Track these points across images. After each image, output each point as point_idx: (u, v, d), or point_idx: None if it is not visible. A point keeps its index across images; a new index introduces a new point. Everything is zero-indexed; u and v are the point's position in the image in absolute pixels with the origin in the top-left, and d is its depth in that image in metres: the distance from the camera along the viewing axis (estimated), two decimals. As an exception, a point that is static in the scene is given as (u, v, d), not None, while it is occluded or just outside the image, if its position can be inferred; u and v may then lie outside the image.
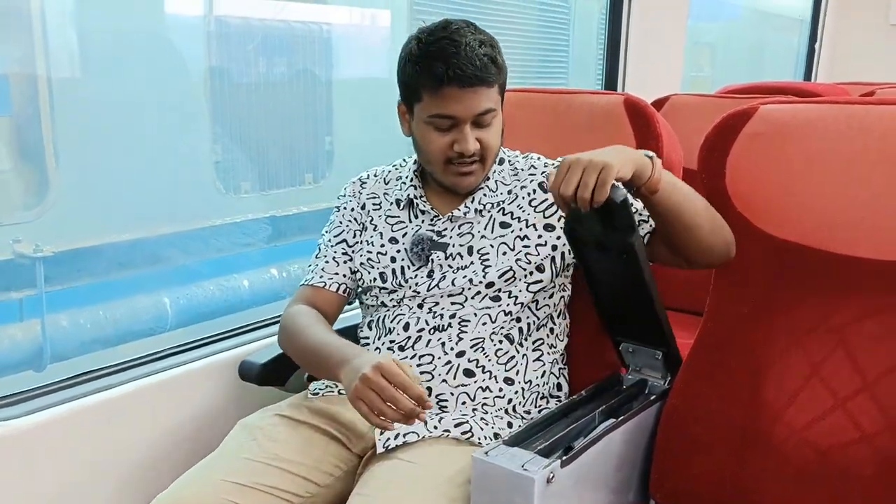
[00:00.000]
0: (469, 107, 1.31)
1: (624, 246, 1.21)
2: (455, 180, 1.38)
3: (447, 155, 1.35)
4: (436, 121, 1.32)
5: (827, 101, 1.30)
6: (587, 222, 1.21)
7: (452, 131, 1.33)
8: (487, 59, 1.30)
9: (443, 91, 1.29)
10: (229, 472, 1.23)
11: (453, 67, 1.27)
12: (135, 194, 2.56)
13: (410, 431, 1.29)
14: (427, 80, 1.30)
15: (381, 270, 1.42)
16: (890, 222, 1.21)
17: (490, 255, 1.39)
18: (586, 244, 1.27)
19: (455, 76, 1.28)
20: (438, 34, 1.30)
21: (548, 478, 1.08)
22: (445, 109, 1.31)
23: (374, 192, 1.51)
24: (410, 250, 1.41)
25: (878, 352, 1.21)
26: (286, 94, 3.13)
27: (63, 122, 2.38)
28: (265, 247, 3.03)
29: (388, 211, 1.47)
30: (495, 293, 1.38)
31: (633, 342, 1.41)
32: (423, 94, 1.32)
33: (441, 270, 1.39)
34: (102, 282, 2.48)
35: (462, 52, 1.28)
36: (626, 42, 2.78)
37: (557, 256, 1.40)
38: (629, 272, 1.26)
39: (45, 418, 1.36)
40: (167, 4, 2.80)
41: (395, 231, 1.44)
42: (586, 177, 1.08)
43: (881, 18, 4.31)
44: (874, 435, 1.19)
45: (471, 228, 1.41)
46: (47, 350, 2.27)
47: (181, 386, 1.52)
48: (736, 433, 1.29)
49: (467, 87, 1.29)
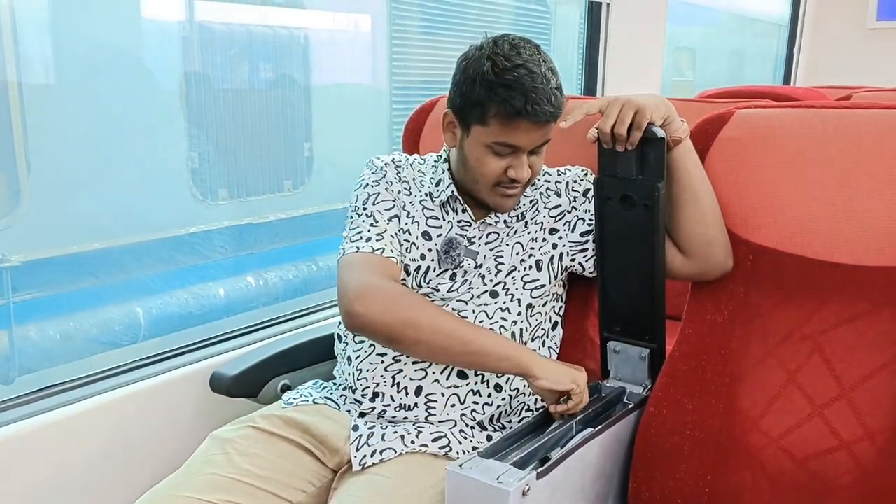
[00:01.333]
0: (535, 139, 1.29)
1: (650, 194, 1.28)
2: (499, 201, 1.36)
3: (499, 179, 1.32)
4: (499, 147, 1.29)
5: (803, 105, 1.30)
6: (622, 165, 1.29)
7: (509, 157, 1.30)
8: (559, 93, 1.28)
9: (516, 123, 1.26)
10: (196, 489, 1.21)
11: (532, 103, 1.23)
12: (110, 202, 2.52)
13: (388, 448, 1.27)
14: (502, 110, 1.25)
15: (406, 263, 1.39)
16: (866, 227, 1.21)
17: (504, 257, 1.39)
18: (612, 198, 1.33)
19: (532, 112, 1.24)
20: (514, 61, 1.24)
21: (523, 490, 1.06)
22: (513, 140, 1.28)
23: (407, 178, 1.43)
24: (444, 252, 1.39)
25: (855, 359, 1.21)
26: (265, 100, 3.11)
27: (35, 130, 2.34)
28: (242, 254, 2.99)
29: (424, 202, 1.42)
30: (493, 288, 1.38)
31: (623, 339, 1.41)
32: (490, 119, 1.27)
33: (464, 276, 1.38)
34: (73, 291, 2.44)
35: (540, 86, 1.24)
36: (606, 48, 2.79)
37: (556, 257, 1.40)
38: (645, 231, 1.31)
39: (8, 434, 1.33)
40: (143, 9, 2.77)
41: (429, 225, 1.41)
42: (623, 113, 1.23)
43: (859, 23, 4.34)
44: (852, 442, 1.18)
45: (496, 238, 1.40)
46: (16, 362, 2.23)
47: (150, 399, 1.49)
48: (713, 442, 1.28)
49: (541, 123, 1.27)
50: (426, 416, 1.33)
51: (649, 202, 1.29)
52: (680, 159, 1.28)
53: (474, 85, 1.26)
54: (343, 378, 1.41)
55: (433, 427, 1.33)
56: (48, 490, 1.39)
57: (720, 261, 1.31)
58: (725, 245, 1.31)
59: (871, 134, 1.20)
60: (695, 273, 1.34)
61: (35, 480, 1.38)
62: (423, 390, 1.33)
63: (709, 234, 1.30)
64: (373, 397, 1.34)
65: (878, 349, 1.19)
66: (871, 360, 1.19)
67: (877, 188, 1.20)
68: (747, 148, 1.30)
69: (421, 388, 1.33)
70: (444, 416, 1.33)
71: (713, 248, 1.30)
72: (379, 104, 3.45)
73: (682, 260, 1.33)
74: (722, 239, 1.30)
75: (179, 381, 1.53)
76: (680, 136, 1.28)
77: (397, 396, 1.33)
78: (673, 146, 1.27)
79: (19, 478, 1.36)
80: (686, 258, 1.33)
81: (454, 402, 1.34)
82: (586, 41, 2.87)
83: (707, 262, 1.31)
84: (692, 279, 1.35)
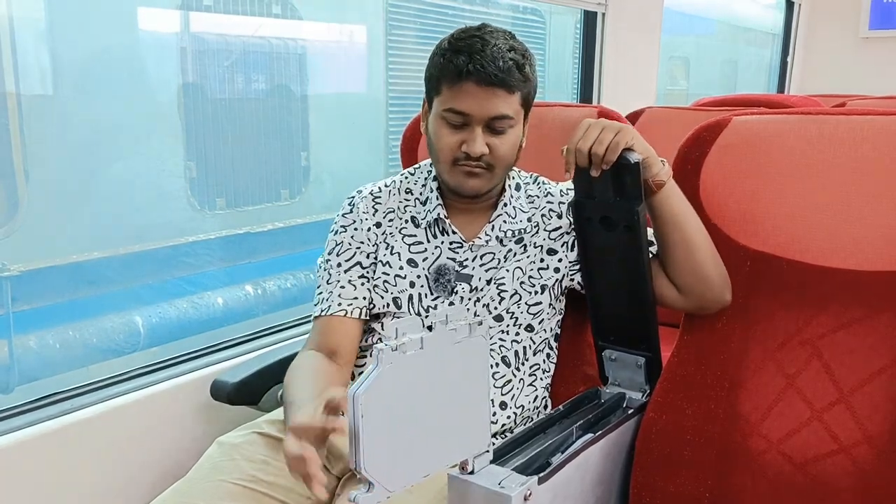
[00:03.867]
0: (484, 107, 1.27)
1: (629, 217, 1.25)
2: (460, 180, 1.33)
3: (455, 154, 1.31)
4: (449, 115, 1.29)
5: (798, 112, 1.31)
6: (598, 189, 1.25)
7: (464, 130, 1.29)
8: (513, 63, 1.26)
9: (461, 85, 1.26)
10: (204, 496, 1.20)
11: (475, 62, 1.24)
12: (107, 212, 2.53)
13: None
14: (447, 72, 1.27)
15: (395, 295, 1.37)
16: (863, 231, 1.22)
17: (506, 282, 1.37)
18: (591, 220, 1.29)
19: (475, 71, 1.24)
20: (471, 32, 1.28)
21: (525, 495, 1.06)
22: (460, 104, 1.27)
23: (390, 207, 1.43)
24: (434, 280, 1.37)
25: (853, 363, 1.21)
26: (262, 111, 3.12)
27: (33, 140, 2.35)
28: (239, 263, 3.00)
29: (404, 229, 1.41)
30: (498, 313, 1.37)
31: (618, 348, 1.41)
32: (442, 86, 1.29)
33: (462, 303, 1.36)
34: (72, 300, 2.44)
35: (488, 50, 1.25)
36: (601, 58, 2.81)
37: (559, 280, 1.40)
38: (629, 251, 1.28)
39: (10, 442, 1.33)
40: (140, 21, 2.78)
41: (413, 252, 1.39)
42: (603, 135, 1.18)
43: (851, 32, 4.37)
44: (851, 446, 1.19)
45: (491, 259, 1.38)
46: (15, 371, 2.23)
47: (151, 406, 1.49)
48: (713, 447, 1.29)
49: (486, 85, 1.25)
50: None
51: (630, 224, 1.26)
52: (664, 202, 1.26)
53: (432, 58, 1.31)
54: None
55: None
56: (51, 498, 1.39)
57: (715, 298, 1.30)
58: (720, 282, 1.29)
59: (867, 140, 1.21)
60: (690, 308, 1.33)
61: (38, 488, 1.38)
62: None
63: (702, 273, 1.28)
64: None
65: (875, 353, 1.20)
66: (870, 364, 1.20)
67: (873, 193, 1.21)
68: (744, 154, 1.30)
69: None
70: None
71: (707, 285, 1.29)
72: (376, 113, 3.46)
73: (676, 296, 1.32)
74: (716, 276, 1.28)
75: (181, 389, 1.53)
76: (662, 180, 1.24)
77: None
78: (656, 190, 1.24)
79: (22, 486, 1.36)
80: (681, 295, 1.32)
81: None
82: (582, 50, 2.88)
83: (702, 300, 1.31)
84: (689, 312, 1.35)
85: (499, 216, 1.40)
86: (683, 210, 1.27)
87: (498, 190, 1.41)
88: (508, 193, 1.41)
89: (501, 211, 1.40)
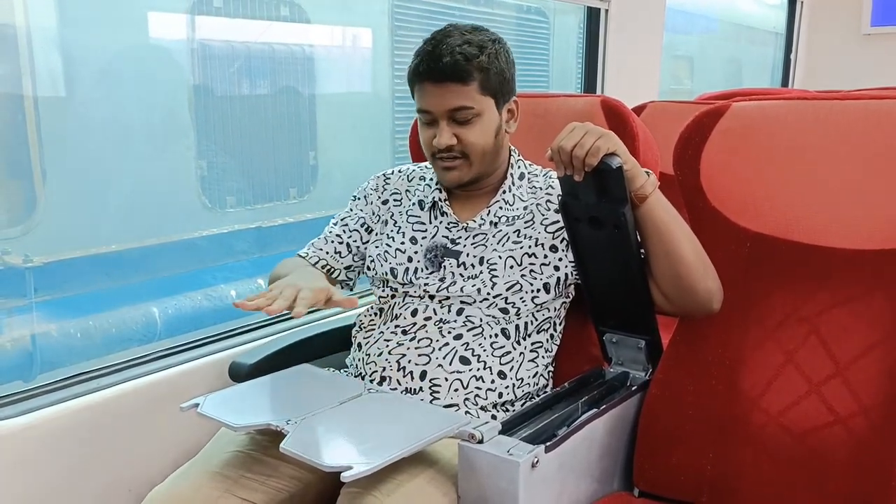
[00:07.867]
0: (440, 102, 1.36)
1: (616, 218, 1.27)
2: (440, 174, 1.44)
3: (431, 149, 1.41)
4: (420, 115, 1.41)
5: (795, 96, 1.35)
6: (582, 192, 1.27)
7: (434, 126, 1.39)
8: (462, 57, 1.34)
9: (422, 86, 1.38)
10: (221, 465, 1.25)
11: (426, 63, 1.35)
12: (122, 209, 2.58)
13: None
14: (411, 77, 1.39)
15: (392, 266, 1.46)
16: (859, 212, 1.25)
17: (498, 267, 1.41)
18: (580, 220, 1.32)
19: (427, 71, 1.35)
20: (432, 35, 1.38)
21: (532, 462, 1.11)
22: (423, 103, 1.39)
23: (397, 189, 1.56)
24: (425, 256, 1.45)
25: (850, 339, 1.25)
26: (270, 112, 3.16)
27: (50, 140, 2.40)
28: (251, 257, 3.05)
29: (410, 210, 1.51)
30: (504, 305, 1.41)
31: (618, 331, 1.44)
32: (413, 89, 1.40)
33: (452, 277, 1.42)
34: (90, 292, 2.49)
35: (438, 49, 1.34)
36: (604, 56, 2.84)
37: (561, 277, 1.44)
38: (619, 248, 1.31)
39: (38, 419, 1.38)
40: (152, 26, 2.83)
41: (415, 231, 1.48)
42: (585, 139, 1.20)
43: (853, 29, 4.40)
44: (847, 418, 1.23)
45: (484, 240, 1.44)
46: (37, 359, 2.28)
47: (171, 387, 1.54)
48: (715, 422, 1.33)
49: (439, 82, 1.35)
50: (431, 399, 1.37)
51: (618, 224, 1.28)
52: (648, 214, 1.28)
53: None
54: (354, 365, 1.47)
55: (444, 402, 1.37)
56: (80, 471, 1.45)
57: (700, 308, 1.33)
58: (705, 295, 1.31)
59: (862, 122, 1.25)
60: (678, 313, 1.37)
61: (69, 460, 1.43)
62: (427, 375, 1.37)
63: (686, 284, 1.30)
64: (380, 381, 1.39)
65: (871, 329, 1.24)
66: (865, 339, 1.24)
67: (868, 174, 1.25)
68: (743, 139, 1.34)
69: (425, 372, 1.37)
70: (449, 399, 1.37)
71: (691, 296, 1.32)
72: (382, 112, 3.50)
73: (663, 300, 1.36)
74: (701, 288, 1.31)
75: (199, 370, 1.58)
76: (646, 192, 1.26)
77: (403, 380, 1.38)
78: (639, 203, 1.27)
79: (48, 462, 1.40)
80: (667, 301, 1.35)
81: (457, 386, 1.38)
82: (585, 48, 2.92)
83: (686, 309, 1.35)
84: (675, 316, 1.39)
85: (496, 202, 1.46)
86: (667, 221, 1.29)
87: (498, 177, 1.48)
88: (510, 181, 1.47)
89: (500, 197, 1.46)
